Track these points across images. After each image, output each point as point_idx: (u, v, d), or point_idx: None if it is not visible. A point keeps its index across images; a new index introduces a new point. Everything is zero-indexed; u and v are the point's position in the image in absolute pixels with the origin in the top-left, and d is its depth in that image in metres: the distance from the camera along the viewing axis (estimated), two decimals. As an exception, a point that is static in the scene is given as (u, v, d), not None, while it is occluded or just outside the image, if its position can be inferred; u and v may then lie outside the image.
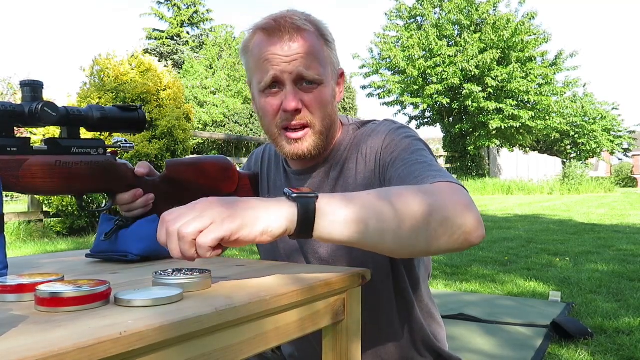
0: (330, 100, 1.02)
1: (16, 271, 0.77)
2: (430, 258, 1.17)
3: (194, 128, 9.17)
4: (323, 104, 1.01)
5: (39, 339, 0.45)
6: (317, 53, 0.99)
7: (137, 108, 0.99)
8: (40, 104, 0.84)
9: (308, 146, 1.02)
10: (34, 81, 0.86)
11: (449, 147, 19.38)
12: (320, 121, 1.01)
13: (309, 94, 1.00)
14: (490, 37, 17.65)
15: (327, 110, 1.02)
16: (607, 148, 34.02)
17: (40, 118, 0.84)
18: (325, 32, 1.03)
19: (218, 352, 0.59)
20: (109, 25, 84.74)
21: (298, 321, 0.70)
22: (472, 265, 4.17)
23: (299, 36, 0.98)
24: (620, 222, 7.54)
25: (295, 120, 1.00)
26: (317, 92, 1.00)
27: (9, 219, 6.23)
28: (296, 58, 0.97)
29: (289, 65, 0.97)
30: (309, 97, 1.00)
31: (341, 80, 1.09)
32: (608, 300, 2.99)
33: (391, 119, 1.10)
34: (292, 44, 0.98)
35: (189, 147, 7.05)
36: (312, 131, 1.02)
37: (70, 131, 0.92)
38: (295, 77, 0.98)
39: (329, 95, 1.02)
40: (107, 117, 0.95)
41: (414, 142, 0.99)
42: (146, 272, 0.82)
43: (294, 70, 0.97)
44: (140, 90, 6.42)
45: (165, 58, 25.17)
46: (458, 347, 2.21)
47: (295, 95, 0.99)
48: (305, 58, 0.98)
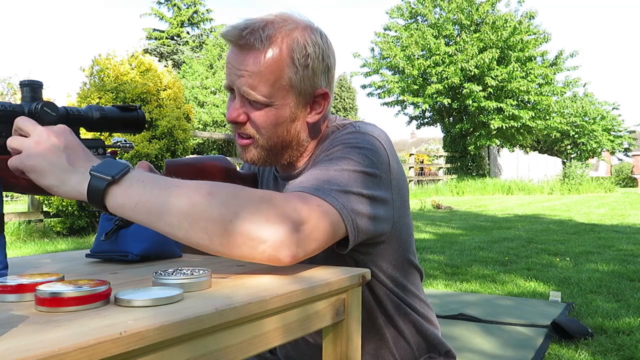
0: (283, 122, 0.99)
1: (16, 271, 0.77)
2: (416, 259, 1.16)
3: (194, 128, 9.18)
4: (268, 124, 0.98)
5: (39, 339, 0.45)
6: (270, 75, 0.95)
7: (137, 108, 0.99)
8: (40, 103, 0.84)
9: (252, 156, 1.02)
10: (33, 81, 0.86)
11: (449, 147, 19.38)
12: (266, 139, 1.00)
13: (256, 111, 0.98)
14: (490, 36, 17.65)
15: (277, 131, 0.99)
16: (608, 148, 34.02)
17: (39, 118, 0.84)
18: (297, 52, 0.96)
19: (218, 352, 0.59)
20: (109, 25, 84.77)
21: (298, 321, 0.71)
22: (472, 265, 4.17)
23: (252, 52, 0.95)
24: (620, 222, 7.55)
25: (239, 130, 1.01)
26: (264, 112, 0.98)
27: (9, 219, 6.23)
28: (243, 74, 0.95)
29: (237, 79, 0.96)
30: (254, 115, 0.98)
31: (321, 100, 1.03)
32: (608, 300, 2.99)
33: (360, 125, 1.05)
34: (244, 57, 0.95)
35: (189, 147, 7.05)
36: (255, 144, 1.01)
37: None
38: (241, 93, 0.98)
39: (280, 117, 0.98)
40: (107, 117, 0.95)
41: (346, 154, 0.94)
42: (146, 272, 0.82)
43: (240, 87, 0.97)
44: (140, 90, 6.42)
45: (165, 58, 25.18)
46: (458, 347, 2.21)
47: (237, 107, 0.98)
48: (252, 77, 0.95)
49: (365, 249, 0.99)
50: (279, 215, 0.76)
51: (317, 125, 1.06)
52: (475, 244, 5.33)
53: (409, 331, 1.10)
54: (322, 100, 1.03)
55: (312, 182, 0.87)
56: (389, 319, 1.08)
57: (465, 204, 12.00)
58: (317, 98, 1.02)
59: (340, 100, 34.45)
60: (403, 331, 1.10)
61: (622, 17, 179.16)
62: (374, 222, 0.92)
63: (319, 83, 1.01)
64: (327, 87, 1.03)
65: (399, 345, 1.10)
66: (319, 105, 1.03)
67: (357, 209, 0.88)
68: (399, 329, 1.09)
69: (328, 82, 1.03)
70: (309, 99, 1.01)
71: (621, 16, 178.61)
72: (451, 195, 15.39)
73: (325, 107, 1.04)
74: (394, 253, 1.05)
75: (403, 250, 1.08)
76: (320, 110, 1.03)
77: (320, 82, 1.01)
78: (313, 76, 0.99)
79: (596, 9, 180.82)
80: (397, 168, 1.01)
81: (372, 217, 0.92)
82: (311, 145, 1.08)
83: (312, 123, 1.04)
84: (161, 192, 0.74)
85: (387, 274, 1.06)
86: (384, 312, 1.08)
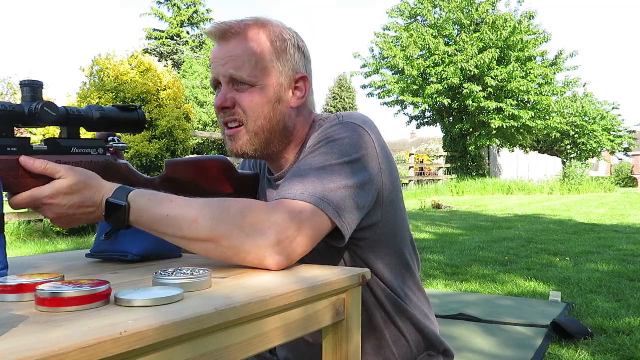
0: (268, 103, 1.04)
1: (16, 271, 0.77)
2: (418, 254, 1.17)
3: (194, 128, 9.18)
4: (255, 104, 1.03)
5: (39, 339, 0.45)
6: (252, 56, 1.02)
7: (137, 108, 1.00)
8: (40, 103, 0.84)
9: (241, 145, 1.06)
10: (33, 81, 0.86)
11: (449, 147, 19.37)
12: (253, 121, 1.04)
13: (242, 93, 1.03)
14: (489, 36, 17.64)
15: (263, 112, 1.03)
16: (608, 148, 34.03)
17: (40, 118, 0.84)
18: (274, 37, 1.04)
19: (218, 352, 0.59)
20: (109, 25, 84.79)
21: (298, 321, 0.71)
22: (472, 265, 4.17)
23: (233, 39, 1.02)
24: (620, 222, 7.55)
25: (227, 117, 1.05)
26: (249, 93, 1.03)
27: (8, 219, 6.23)
28: (228, 61, 1.02)
29: (222, 67, 1.03)
30: (240, 97, 1.03)
31: (302, 85, 1.08)
32: (608, 300, 2.99)
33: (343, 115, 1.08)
34: (227, 46, 1.03)
35: (189, 147, 7.06)
36: (245, 129, 1.05)
37: (70, 131, 0.92)
38: (228, 79, 1.03)
39: (265, 97, 1.03)
40: (107, 117, 0.96)
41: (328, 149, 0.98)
42: (146, 272, 0.82)
43: (226, 73, 1.03)
44: (140, 90, 6.42)
45: (165, 58, 25.17)
46: (458, 347, 2.21)
47: (224, 93, 1.04)
48: (236, 60, 1.02)
49: (362, 236, 1.01)
50: (259, 227, 0.83)
51: (302, 112, 1.10)
52: (475, 244, 5.33)
53: (408, 329, 1.10)
54: (303, 84, 1.08)
55: (293, 185, 0.91)
56: (388, 317, 1.08)
57: (465, 204, 12.00)
58: (298, 82, 1.08)
59: (340, 100, 34.43)
60: (402, 330, 1.10)
61: (622, 17, 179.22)
62: (363, 209, 0.96)
63: (298, 67, 1.08)
64: (307, 74, 1.09)
65: (398, 344, 1.10)
66: (300, 91, 1.08)
67: (341, 202, 0.91)
68: (399, 327, 1.09)
69: (307, 70, 1.10)
70: (291, 82, 1.07)
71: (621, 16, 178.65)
72: (451, 195, 15.39)
73: (307, 91, 1.09)
74: (390, 241, 1.07)
75: (400, 238, 1.09)
76: (303, 95, 1.08)
77: (299, 66, 1.08)
78: (292, 60, 1.06)
79: (596, 9, 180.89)
80: (385, 153, 1.04)
81: (361, 205, 0.95)
82: (299, 136, 1.10)
83: (296, 108, 1.08)
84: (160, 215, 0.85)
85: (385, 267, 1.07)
86: (384, 310, 1.08)
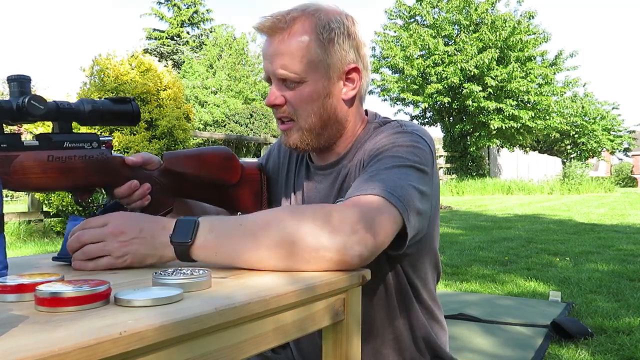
0: (318, 99, 1.02)
1: (16, 271, 0.77)
2: (438, 257, 1.16)
3: (194, 128, 9.17)
4: (304, 101, 1.02)
5: (39, 339, 0.45)
6: (298, 51, 0.99)
7: (130, 100, 0.98)
8: (27, 97, 0.83)
9: (294, 140, 1.05)
10: (20, 75, 0.85)
11: (449, 147, 19.37)
12: (304, 118, 1.03)
13: (291, 91, 1.02)
14: (489, 36, 17.63)
15: (313, 108, 1.03)
16: (608, 148, 34.01)
17: (28, 111, 0.82)
18: (320, 29, 1.01)
19: (218, 351, 0.59)
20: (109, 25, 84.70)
21: (298, 321, 0.71)
22: (472, 265, 4.17)
23: (280, 34, 1.00)
24: (620, 222, 7.55)
25: (279, 114, 1.05)
26: (298, 90, 1.02)
27: (8, 219, 6.23)
28: (275, 58, 1.01)
29: (271, 65, 1.02)
30: (289, 94, 1.03)
31: (353, 76, 1.05)
32: (608, 300, 2.99)
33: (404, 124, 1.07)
34: (274, 42, 1.01)
35: (189, 147, 7.05)
36: (296, 126, 1.04)
37: (61, 126, 0.90)
38: (276, 77, 1.02)
39: (314, 93, 1.02)
40: (99, 110, 0.93)
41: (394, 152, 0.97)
42: (146, 272, 0.82)
43: (274, 71, 1.01)
44: (140, 90, 6.41)
45: (165, 58, 25.15)
46: (458, 347, 2.21)
47: (274, 91, 1.03)
48: (283, 57, 1.00)
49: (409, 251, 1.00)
50: (337, 222, 0.80)
51: (354, 104, 1.08)
52: (475, 243, 5.33)
53: (416, 332, 1.09)
54: (355, 75, 1.05)
55: (367, 183, 0.90)
56: (399, 316, 1.08)
57: (465, 204, 12.00)
58: (350, 73, 1.05)
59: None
60: (410, 331, 1.09)
61: (622, 17, 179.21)
62: (422, 217, 0.95)
63: (349, 58, 1.04)
64: (359, 62, 1.05)
65: (404, 346, 1.09)
66: (352, 81, 1.06)
67: (413, 204, 0.90)
68: (407, 328, 1.09)
69: (360, 58, 1.06)
70: (341, 74, 1.04)
71: (621, 16, 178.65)
72: (451, 195, 15.39)
73: (359, 82, 1.07)
74: (423, 250, 1.07)
75: (431, 248, 1.10)
76: (354, 86, 1.06)
77: (350, 57, 1.04)
78: (340, 50, 1.02)
79: (596, 9, 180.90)
80: (436, 167, 1.05)
81: (421, 212, 0.94)
82: (352, 129, 1.09)
83: (347, 100, 1.06)
84: (230, 239, 0.81)
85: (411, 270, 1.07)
86: (396, 309, 1.07)
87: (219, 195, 1.14)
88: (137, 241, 0.81)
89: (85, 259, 0.81)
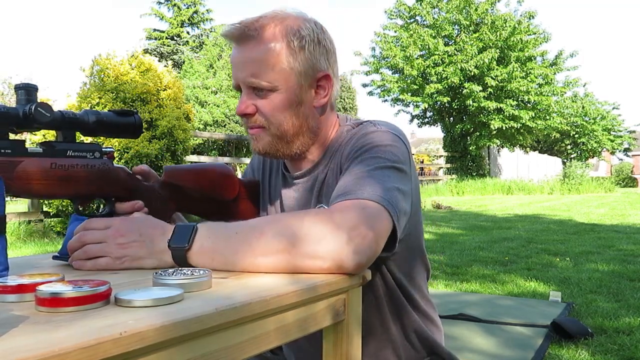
0: (290, 107, 1.01)
1: (16, 271, 0.77)
2: (426, 254, 1.16)
3: (194, 128, 9.16)
4: (275, 109, 1.01)
5: (39, 339, 0.45)
6: (269, 59, 0.98)
7: (134, 113, 0.99)
8: (34, 104, 0.84)
9: (263, 145, 1.05)
10: (28, 84, 0.86)
11: (450, 147, 19.37)
12: (276, 126, 1.02)
13: (262, 99, 1.01)
14: (489, 36, 17.63)
15: (285, 116, 1.01)
16: (608, 148, 34.02)
17: (34, 118, 0.83)
18: (291, 36, 0.99)
19: (219, 352, 0.59)
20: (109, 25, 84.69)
21: (298, 321, 0.71)
22: (472, 265, 4.17)
23: (250, 42, 0.99)
24: (620, 222, 7.55)
25: (250, 123, 1.04)
26: (269, 99, 1.00)
27: (9, 219, 6.23)
28: (245, 66, 0.99)
29: (241, 73, 1.01)
30: (260, 103, 1.01)
31: (324, 83, 1.04)
32: (608, 300, 2.99)
33: (378, 123, 1.06)
34: (243, 49, 0.99)
35: (189, 147, 7.05)
36: (266, 132, 1.03)
37: (65, 134, 0.91)
38: (247, 85, 1.01)
39: (285, 101, 1.01)
40: (103, 121, 0.95)
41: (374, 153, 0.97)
42: (146, 272, 0.82)
43: (245, 79, 1.00)
44: (140, 90, 6.41)
45: (165, 58, 25.15)
46: (458, 347, 2.21)
47: (245, 100, 1.02)
48: (253, 65, 0.99)
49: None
50: (330, 229, 0.80)
51: (325, 111, 1.07)
52: (475, 244, 5.33)
53: (410, 332, 1.10)
54: (326, 83, 1.05)
55: (354, 186, 0.89)
56: (392, 318, 1.08)
57: (465, 204, 12.00)
58: (320, 81, 1.04)
59: (340, 100, 34.42)
60: (404, 332, 1.09)
61: (622, 17, 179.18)
62: (407, 217, 0.94)
63: (320, 65, 1.03)
64: (329, 70, 1.05)
65: (400, 347, 1.09)
66: (324, 89, 1.05)
67: (400, 206, 0.90)
68: (401, 329, 1.09)
69: (329, 65, 1.05)
70: (312, 81, 1.03)
71: (621, 16, 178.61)
72: (451, 195, 15.39)
73: (330, 90, 1.06)
74: (408, 249, 1.06)
75: (416, 246, 1.09)
76: (326, 94, 1.05)
77: (321, 64, 1.03)
78: (312, 58, 1.02)
79: (596, 9, 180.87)
80: (413, 163, 1.04)
81: (406, 213, 0.94)
82: (324, 135, 1.09)
83: (319, 107, 1.05)
84: (227, 245, 0.81)
85: (397, 270, 1.06)
86: (387, 311, 1.07)
87: (217, 209, 1.15)
88: (136, 244, 0.82)
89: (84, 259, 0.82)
